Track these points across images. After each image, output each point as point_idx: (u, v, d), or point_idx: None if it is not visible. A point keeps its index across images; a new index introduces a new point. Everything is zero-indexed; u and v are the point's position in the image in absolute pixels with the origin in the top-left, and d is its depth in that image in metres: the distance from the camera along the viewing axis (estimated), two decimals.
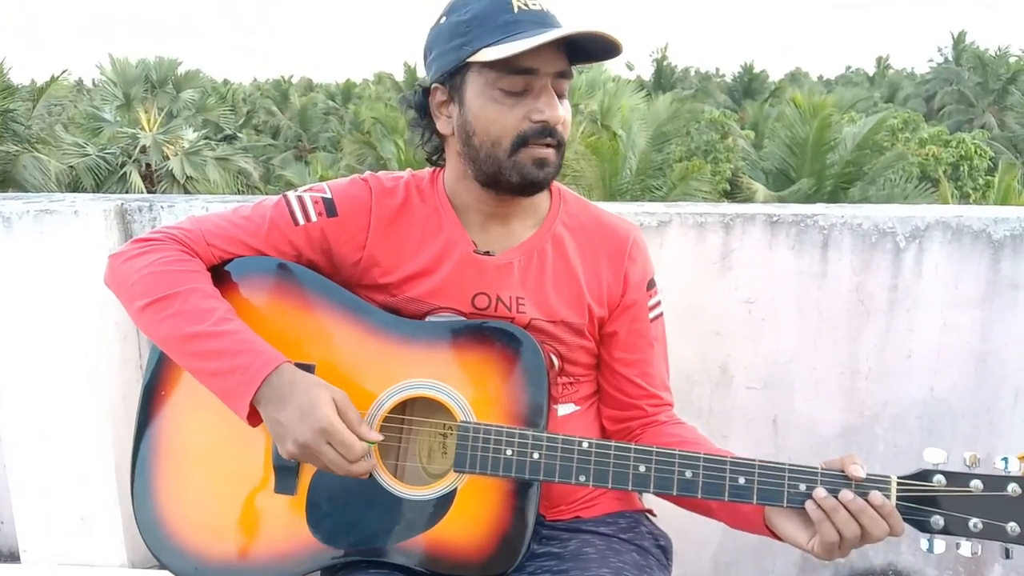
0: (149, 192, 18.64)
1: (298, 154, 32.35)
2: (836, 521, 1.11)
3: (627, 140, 14.51)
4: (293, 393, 1.17)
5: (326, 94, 43.61)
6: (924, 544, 1.13)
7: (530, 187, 1.28)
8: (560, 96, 1.26)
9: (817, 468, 1.15)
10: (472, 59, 1.22)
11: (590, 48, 1.24)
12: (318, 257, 1.36)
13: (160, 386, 1.34)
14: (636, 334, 1.40)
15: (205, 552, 1.28)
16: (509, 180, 1.26)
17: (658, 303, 1.44)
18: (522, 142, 1.24)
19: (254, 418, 1.20)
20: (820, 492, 1.13)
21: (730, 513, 1.27)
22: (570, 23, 1.25)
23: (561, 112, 1.25)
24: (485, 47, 1.21)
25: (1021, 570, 2.17)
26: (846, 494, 1.12)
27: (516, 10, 1.22)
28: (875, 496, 1.11)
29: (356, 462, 1.17)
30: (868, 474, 1.13)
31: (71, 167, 18.19)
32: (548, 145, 1.25)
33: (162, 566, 1.30)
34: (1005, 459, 1.10)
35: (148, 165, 19.72)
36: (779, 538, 1.21)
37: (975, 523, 1.10)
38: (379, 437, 1.21)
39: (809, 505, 1.13)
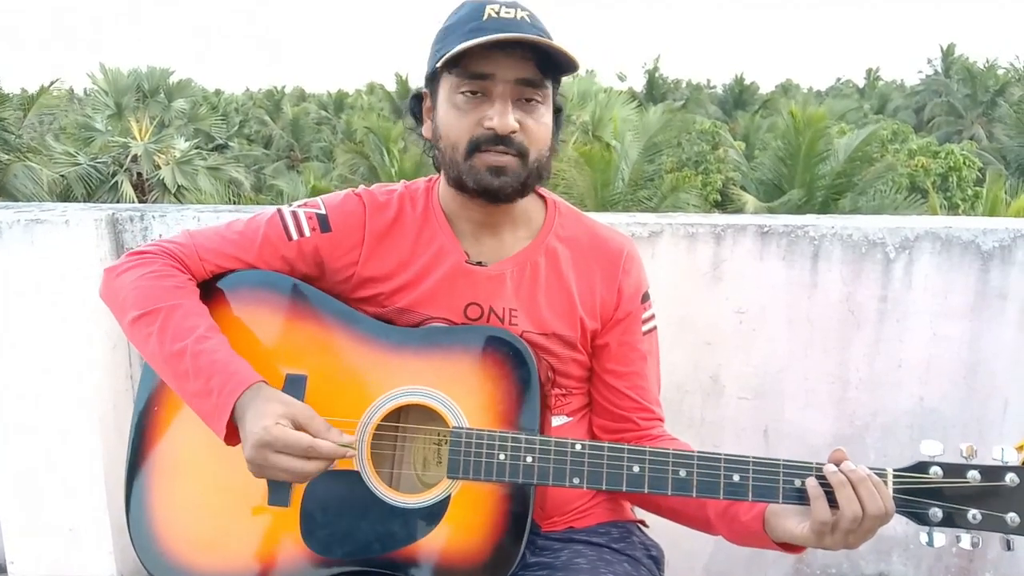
0: (140, 201, 18.59)
1: (290, 164, 32.29)
2: (840, 497, 1.10)
3: (620, 151, 14.56)
4: (248, 411, 1.17)
5: (318, 104, 43.58)
6: (924, 537, 1.12)
7: (486, 194, 1.27)
8: (531, 106, 1.25)
9: (811, 463, 1.15)
10: (438, 65, 1.24)
11: (559, 62, 1.24)
12: (311, 271, 1.36)
13: (153, 400, 1.33)
14: (628, 346, 1.40)
15: (199, 566, 1.28)
16: (468, 185, 1.27)
17: (652, 316, 1.44)
18: (475, 147, 1.24)
19: (232, 438, 1.20)
20: (830, 468, 1.12)
21: (729, 526, 1.26)
22: (555, 37, 1.25)
23: (511, 120, 1.23)
24: (447, 53, 1.22)
25: None
26: (848, 464, 1.12)
27: (485, 17, 1.23)
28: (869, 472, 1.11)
29: (308, 457, 1.14)
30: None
31: (62, 176, 18.13)
32: (504, 153, 1.24)
33: None
34: (1002, 449, 1.10)
35: (139, 174, 19.65)
36: (780, 546, 1.21)
37: (974, 514, 1.09)
38: (352, 438, 1.19)
39: (810, 483, 1.12)
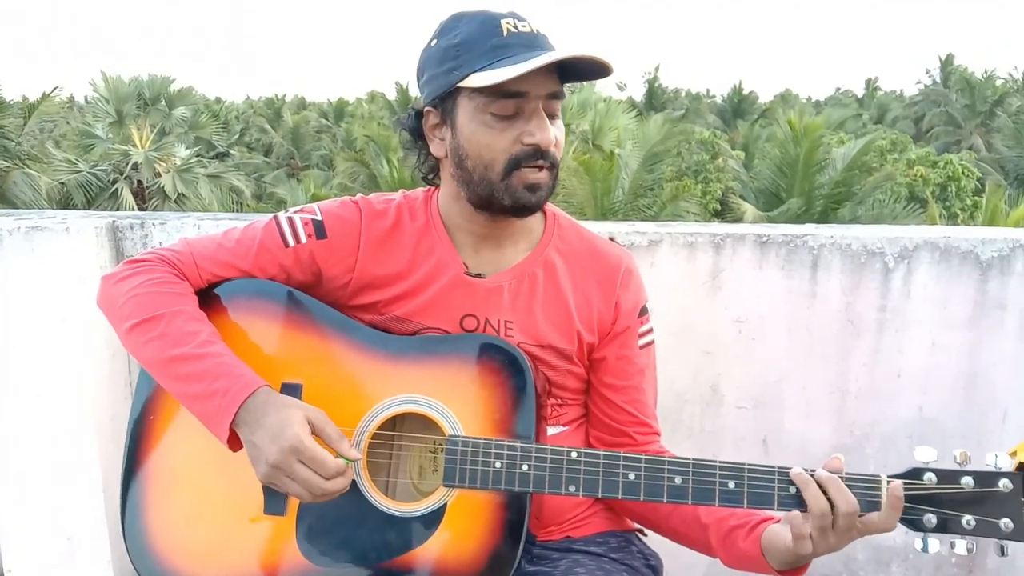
0: (140, 209, 18.59)
1: (290, 172, 32.38)
2: (807, 496, 1.12)
3: (621, 160, 14.59)
4: (266, 415, 1.16)
5: (319, 112, 43.70)
6: (918, 544, 1.12)
7: (523, 210, 1.28)
8: (552, 116, 1.26)
9: (808, 470, 1.15)
10: (462, 84, 1.23)
11: (581, 68, 1.24)
12: (308, 278, 1.36)
13: (150, 409, 1.33)
14: (625, 360, 1.40)
15: (195, 574, 1.27)
16: (502, 202, 1.27)
17: (649, 330, 1.44)
18: (515, 165, 1.24)
19: (234, 443, 1.19)
20: (795, 470, 1.14)
21: (729, 551, 1.27)
22: (560, 47, 1.25)
23: (552, 134, 1.25)
24: (474, 72, 1.21)
25: None
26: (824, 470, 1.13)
27: (506, 33, 1.22)
28: (896, 486, 1.11)
29: (331, 479, 1.15)
30: (858, 474, 1.13)
31: (62, 184, 18.15)
32: (540, 167, 1.25)
33: None
34: (996, 455, 1.10)
35: (140, 182, 19.67)
36: (781, 573, 1.21)
37: (968, 520, 1.10)
38: (358, 455, 1.20)
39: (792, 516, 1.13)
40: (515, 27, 1.23)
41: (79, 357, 2.10)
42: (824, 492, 1.11)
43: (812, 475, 1.13)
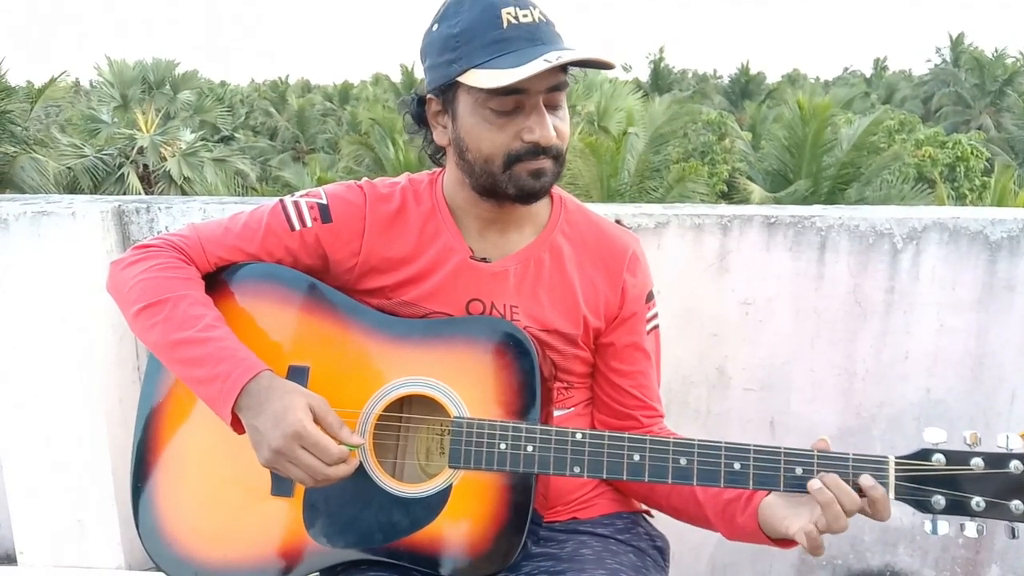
0: (146, 193, 18.61)
1: (296, 155, 32.34)
2: (827, 514, 1.10)
3: (627, 142, 14.53)
4: (269, 400, 1.17)
5: (323, 95, 43.57)
6: (927, 526, 1.11)
7: (527, 197, 1.27)
8: (555, 107, 1.24)
9: (813, 451, 1.15)
10: (460, 79, 1.21)
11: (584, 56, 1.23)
12: (315, 262, 1.36)
13: (159, 393, 1.34)
14: (633, 346, 1.40)
15: (204, 556, 1.29)
16: (506, 191, 1.26)
17: (655, 315, 1.43)
18: (515, 160, 1.23)
19: (238, 426, 1.20)
20: (815, 484, 1.12)
21: (727, 526, 1.27)
22: (564, 35, 1.23)
23: (552, 129, 1.22)
24: (473, 68, 1.19)
25: (1018, 571, 2.18)
26: (829, 477, 1.12)
27: (506, 24, 1.19)
28: (866, 479, 1.11)
29: (334, 465, 1.16)
30: (866, 455, 1.13)
31: (69, 168, 18.17)
32: (544, 159, 1.24)
33: (160, 570, 1.31)
34: (1007, 436, 1.09)
35: (146, 166, 19.69)
36: (776, 542, 1.21)
37: (978, 502, 1.08)
38: (361, 440, 1.21)
39: (813, 485, 1.12)
40: (516, 17, 1.20)
41: (87, 341, 2.11)
42: (840, 504, 1.10)
43: (824, 482, 1.11)
